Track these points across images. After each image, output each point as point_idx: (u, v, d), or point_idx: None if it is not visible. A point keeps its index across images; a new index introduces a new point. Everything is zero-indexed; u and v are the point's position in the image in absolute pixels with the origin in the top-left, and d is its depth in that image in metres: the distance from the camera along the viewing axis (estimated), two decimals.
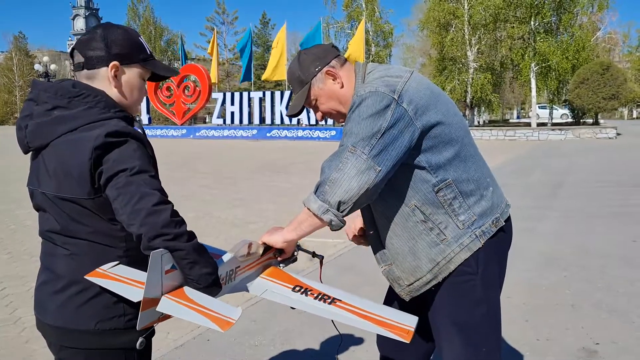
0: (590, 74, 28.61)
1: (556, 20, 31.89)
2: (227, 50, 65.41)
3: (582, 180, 11.95)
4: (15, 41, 65.24)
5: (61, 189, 1.56)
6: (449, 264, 1.87)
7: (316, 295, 1.72)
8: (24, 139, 1.65)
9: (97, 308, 1.59)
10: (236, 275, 1.80)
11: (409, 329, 1.59)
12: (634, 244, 6.36)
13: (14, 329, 4.05)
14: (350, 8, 37.44)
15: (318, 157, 18.41)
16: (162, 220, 1.45)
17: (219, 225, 7.60)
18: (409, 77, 1.85)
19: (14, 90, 62.49)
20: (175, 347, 3.69)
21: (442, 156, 1.82)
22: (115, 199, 1.48)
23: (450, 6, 32.10)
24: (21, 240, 6.89)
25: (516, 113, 62.70)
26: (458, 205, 1.86)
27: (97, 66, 1.65)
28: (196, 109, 34.52)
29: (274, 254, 1.96)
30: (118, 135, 1.53)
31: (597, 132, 26.51)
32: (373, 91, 1.78)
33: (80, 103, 1.59)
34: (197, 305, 1.48)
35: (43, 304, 1.66)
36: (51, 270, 1.65)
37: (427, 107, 1.81)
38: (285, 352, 3.64)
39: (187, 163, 17.07)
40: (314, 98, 1.99)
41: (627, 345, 3.66)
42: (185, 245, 1.48)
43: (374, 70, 1.93)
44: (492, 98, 33.33)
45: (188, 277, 1.52)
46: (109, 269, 1.60)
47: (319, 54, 1.98)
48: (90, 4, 51.38)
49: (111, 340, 1.60)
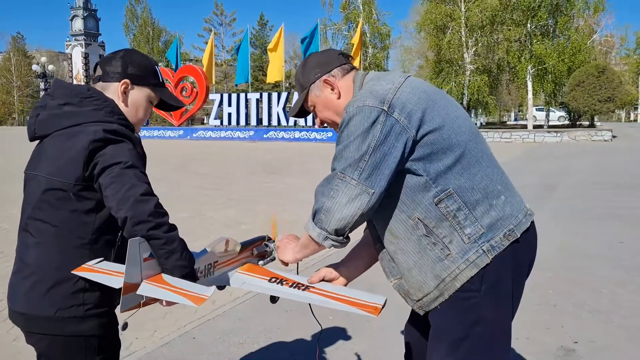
0: (586, 76, 28.71)
1: (552, 22, 32.00)
2: (224, 51, 65.52)
3: (575, 183, 12.03)
4: (13, 42, 65.23)
5: (53, 172, 1.72)
6: (454, 281, 1.74)
7: (291, 284, 1.83)
8: (33, 125, 1.82)
9: (57, 297, 1.71)
10: (214, 270, 1.89)
11: (377, 305, 1.70)
12: (621, 245, 6.43)
13: (3, 327, 4.10)
14: (347, 10, 37.53)
15: (313, 159, 18.54)
16: (148, 208, 1.60)
17: (211, 225, 7.66)
18: (402, 83, 1.78)
19: (12, 90, 62.56)
20: (162, 345, 3.75)
21: (441, 164, 1.72)
22: (107, 186, 1.63)
23: (447, 8, 32.19)
24: (14, 240, 6.88)
25: (514, 115, 62.84)
26: (463, 217, 1.72)
27: (111, 80, 1.87)
28: (193, 110, 34.58)
29: (251, 252, 2.05)
30: (116, 134, 1.72)
31: (593, 135, 26.61)
32: (360, 106, 1.71)
33: (90, 104, 1.78)
34: (173, 287, 1.60)
35: (12, 292, 1.80)
36: (21, 259, 1.79)
37: (423, 113, 1.73)
38: (268, 349, 3.69)
39: (183, 164, 17.12)
40: (311, 104, 1.98)
41: (605, 344, 3.72)
42: (164, 235, 1.61)
43: (371, 80, 1.87)
44: (489, 100, 33.41)
45: (163, 267, 1.64)
46: (94, 264, 1.73)
47: (322, 61, 1.96)
48: (88, 5, 51.30)
49: (71, 327, 1.72)
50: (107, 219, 1.73)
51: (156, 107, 2.01)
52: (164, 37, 55.22)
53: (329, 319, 4.08)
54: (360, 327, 3.99)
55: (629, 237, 6.80)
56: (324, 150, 22.54)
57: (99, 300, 1.75)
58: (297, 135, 29.70)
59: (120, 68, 1.86)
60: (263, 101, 32.11)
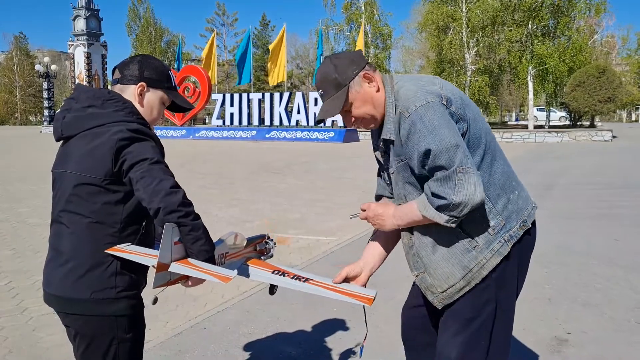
0: (587, 77, 28.83)
1: (554, 23, 32.12)
2: (226, 51, 65.73)
3: (573, 182, 12.20)
4: (15, 41, 65.39)
5: (83, 169, 1.90)
6: (481, 270, 1.91)
7: (292, 276, 2.02)
8: (60, 127, 2.01)
9: (92, 280, 1.89)
10: (225, 260, 2.09)
11: (369, 296, 1.90)
12: (616, 243, 6.61)
13: (22, 318, 4.29)
14: (349, 10, 37.69)
15: (314, 159, 18.72)
16: (177, 199, 1.79)
17: (216, 223, 7.83)
18: (442, 83, 1.94)
19: (14, 90, 62.70)
20: (174, 335, 3.93)
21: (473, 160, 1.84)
22: (138, 180, 1.82)
23: (448, 9, 32.36)
24: (24, 237, 7.12)
25: (515, 115, 62.95)
26: (488, 211, 1.90)
27: (129, 83, 2.06)
28: (196, 110, 34.73)
29: (254, 247, 2.27)
30: (140, 133, 1.91)
31: (593, 135, 26.74)
32: (425, 104, 1.82)
33: (111, 105, 1.97)
34: (201, 268, 1.81)
35: (48, 277, 1.98)
36: (56, 248, 1.97)
37: (464, 109, 1.89)
38: (276, 338, 3.88)
39: (186, 164, 17.30)
40: (351, 101, 1.99)
41: (597, 335, 3.91)
42: (192, 223, 1.81)
43: (400, 81, 1.98)
44: (490, 100, 33.57)
45: (189, 250, 1.83)
46: (124, 246, 1.93)
47: (353, 58, 2.01)
48: (90, 5, 51.43)
49: (104, 308, 1.91)
50: (134, 210, 1.93)
51: (167, 108, 2.20)
52: (166, 37, 55.29)
53: (334, 311, 4.27)
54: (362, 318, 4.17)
55: (625, 236, 6.97)
56: (326, 150, 22.72)
57: (128, 284, 1.94)
58: (299, 135, 29.87)
59: (137, 72, 2.05)
60: (265, 101, 32.31)
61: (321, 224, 8.02)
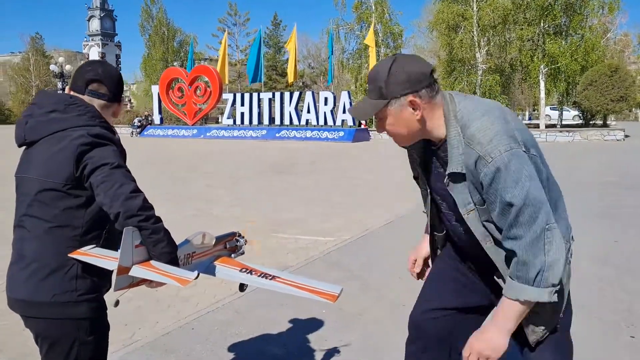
0: (599, 75, 28.54)
1: (566, 22, 31.80)
2: (238, 51, 66.00)
3: (580, 181, 12.08)
4: (32, 42, 66.16)
5: (45, 174, 1.93)
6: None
7: (259, 274, 2.04)
8: (22, 133, 2.03)
9: (54, 283, 1.93)
10: (192, 260, 2.11)
11: (334, 293, 1.92)
12: (615, 244, 6.56)
13: (11, 318, 4.34)
14: (359, 10, 37.63)
15: (323, 158, 18.76)
16: (137, 204, 1.83)
17: (215, 223, 7.89)
18: (510, 118, 1.84)
19: (30, 90, 63.40)
20: (162, 335, 3.98)
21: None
22: (99, 185, 1.85)
23: (459, 8, 32.20)
24: None
25: (528, 114, 62.44)
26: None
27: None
28: (207, 110, 34.98)
29: (223, 246, 2.28)
30: (102, 137, 1.94)
31: (605, 134, 26.51)
32: (509, 150, 1.73)
33: (74, 109, 1.98)
34: (161, 270, 1.85)
35: (11, 281, 2.01)
36: (19, 252, 2.00)
37: (537, 149, 1.89)
38: (263, 339, 3.91)
39: (195, 163, 17.43)
40: (384, 116, 1.86)
41: (584, 335, 3.89)
42: (152, 226, 1.85)
43: (464, 109, 1.84)
44: (501, 100, 33.32)
45: (152, 253, 1.87)
46: (88, 249, 1.96)
47: (413, 78, 1.79)
48: (105, 6, 51.98)
49: (66, 310, 1.94)
50: (96, 214, 1.96)
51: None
52: (178, 37, 55.66)
53: (322, 312, 4.29)
54: (351, 320, 4.20)
55: (625, 237, 6.93)
56: (336, 150, 22.74)
57: (89, 287, 1.97)
58: (308, 134, 29.94)
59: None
60: (275, 101, 32.42)
61: (321, 223, 8.04)
